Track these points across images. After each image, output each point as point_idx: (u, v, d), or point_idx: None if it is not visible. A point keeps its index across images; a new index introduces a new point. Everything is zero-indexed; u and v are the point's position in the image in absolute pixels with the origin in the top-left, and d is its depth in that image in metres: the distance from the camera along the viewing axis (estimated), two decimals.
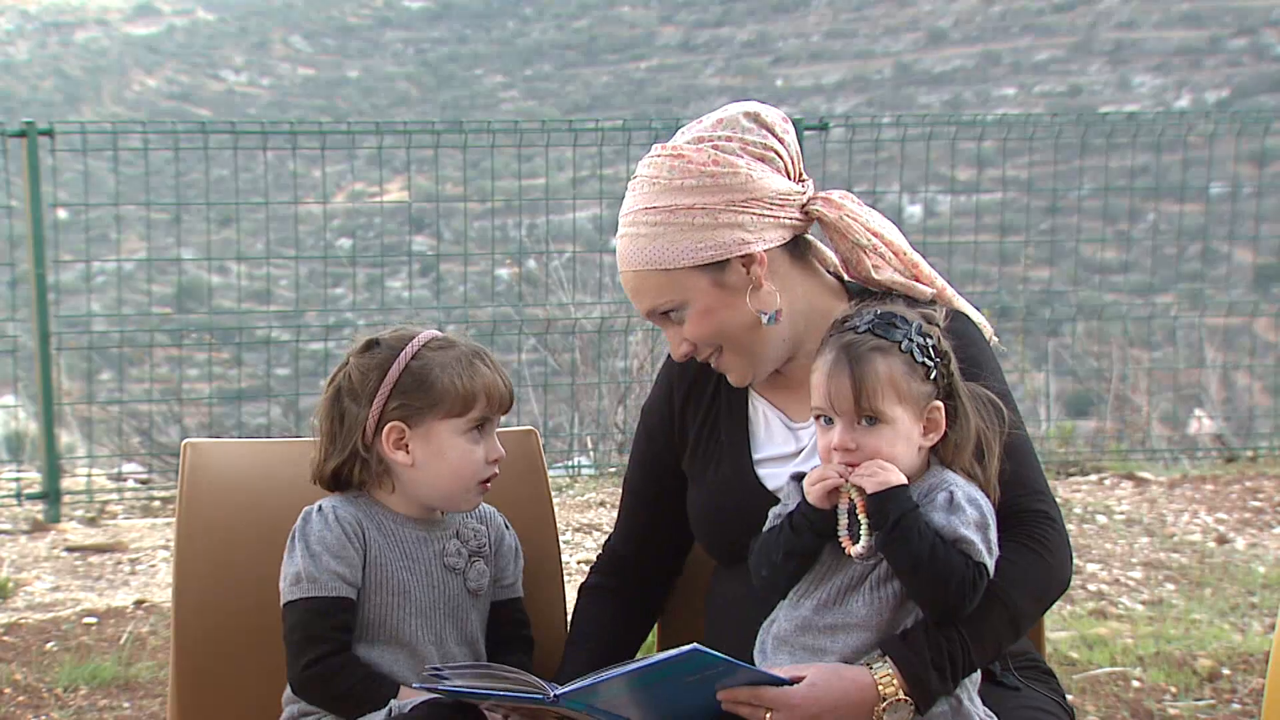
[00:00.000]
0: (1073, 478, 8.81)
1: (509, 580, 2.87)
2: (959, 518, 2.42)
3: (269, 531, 2.86)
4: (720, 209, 2.64)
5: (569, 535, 7.23)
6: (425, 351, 2.73)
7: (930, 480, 2.50)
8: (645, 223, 2.67)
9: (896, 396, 2.46)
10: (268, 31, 62.84)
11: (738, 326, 2.69)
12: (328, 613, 2.67)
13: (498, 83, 57.16)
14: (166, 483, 8.71)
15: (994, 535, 2.46)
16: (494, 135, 8.86)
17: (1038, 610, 2.57)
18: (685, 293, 2.67)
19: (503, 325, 9.13)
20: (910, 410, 2.47)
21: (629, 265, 2.70)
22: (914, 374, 2.47)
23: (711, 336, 2.70)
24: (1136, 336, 10.22)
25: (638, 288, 2.70)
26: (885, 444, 2.46)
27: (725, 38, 56.11)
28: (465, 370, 2.72)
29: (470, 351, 2.75)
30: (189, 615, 2.93)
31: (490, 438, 2.76)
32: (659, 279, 2.67)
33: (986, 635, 2.47)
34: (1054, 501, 2.64)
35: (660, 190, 2.66)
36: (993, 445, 2.53)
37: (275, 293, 9.96)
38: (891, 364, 2.46)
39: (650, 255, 2.66)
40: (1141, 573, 6.94)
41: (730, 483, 2.78)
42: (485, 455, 2.74)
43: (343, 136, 9.14)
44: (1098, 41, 48.96)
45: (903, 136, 9.21)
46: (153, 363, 9.16)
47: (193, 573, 2.93)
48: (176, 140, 8.71)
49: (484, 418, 2.74)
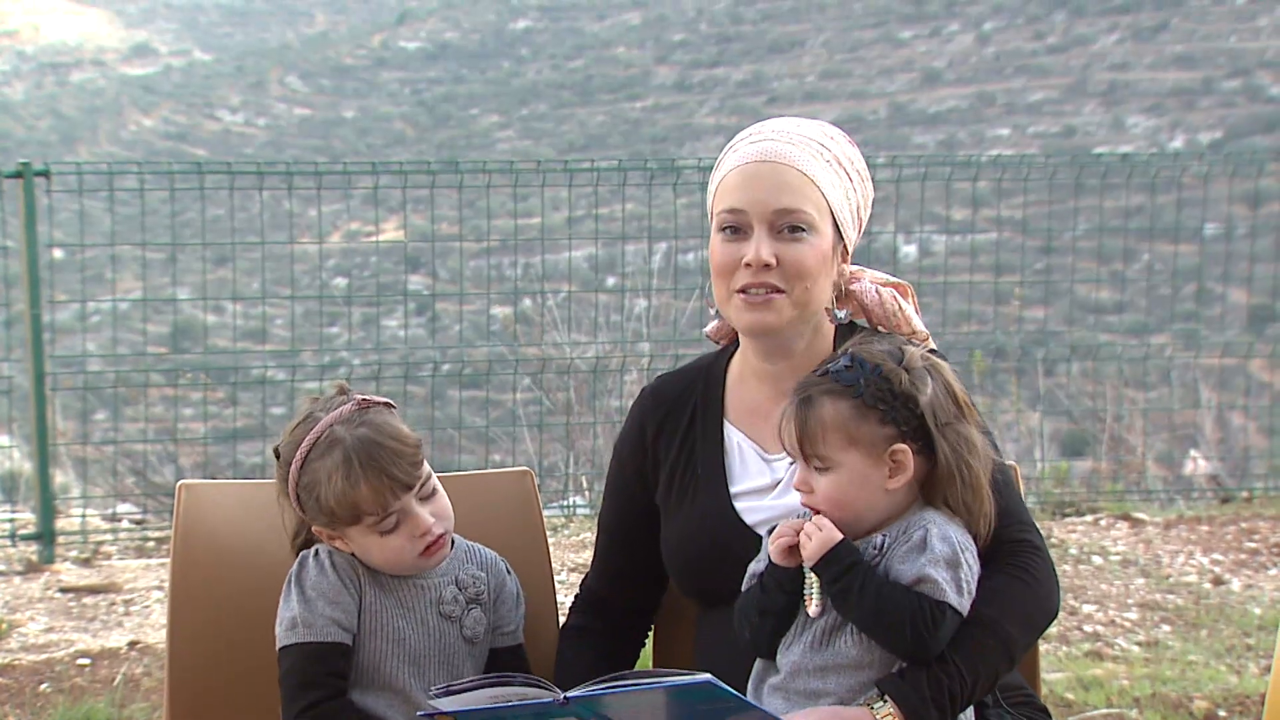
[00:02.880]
0: (1068, 518, 8.80)
1: (509, 627, 2.86)
2: (926, 557, 2.45)
3: (264, 573, 2.86)
4: (865, 193, 2.79)
5: (564, 575, 7.21)
6: (310, 462, 2.68)
7: (909, 519, 2.52)
8: (816, 147, 2.72)
9: (845, 441, 2.48)
10: (264, 72, 62.98)
11: (820, 289, 2.73)
12: (323, 658, 2.66)
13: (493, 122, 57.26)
14: (161, 523, 8.69)
15: (967, 573, 2.47)
16: (489, 175, 8.87)
17: (1030, 638, 2.59)
18: (818, 223, 2.70)
19: (498, 364, 9.13)
20: (864, 454, 2.49)
21: (790, 161, 2.70)
22: (866, 418, 2.48)
23: (805, 272, 2.68)
24: (1131, 377, 10.22)
25: (787, 184, 2.69)
26: (835, 489, 2.49)
27: (720, 78, 56.25)
28: (343, 482, 2.66)
29: (354, 447, 2.66)
30: (183, 657, 2.92)
31: (409, 518, 2.69)
32: (815, 194, 2.70)
33: (982, 667, 2.48)
34: (1038, 531, 2.67)
35: (833, 141, 2.75)
36: (979, 481, 2.54)
37: (271, 332, 9.97)
38: (839, 408, 2.48)
39: (816, 171, 2.70)
40: (1137, 614, 6.93)
41: (707, 517, 2.77)
42: (410, 534, 2.70)
43: (339, 176, 9.15)
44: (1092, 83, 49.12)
45: (898, 177, 9.23)
46: (147, 402, 9.15)
47: (187, 614, 2.92)
48: (172, 180, 8.71)
49: (386, 521, 2.69)
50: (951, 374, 2.57)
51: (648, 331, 9.47)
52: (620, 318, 9.64)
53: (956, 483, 2.51)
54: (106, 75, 63.57)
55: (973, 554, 2.50)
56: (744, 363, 2.85)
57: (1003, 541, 2.58)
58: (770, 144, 2.70)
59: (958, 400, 2.55)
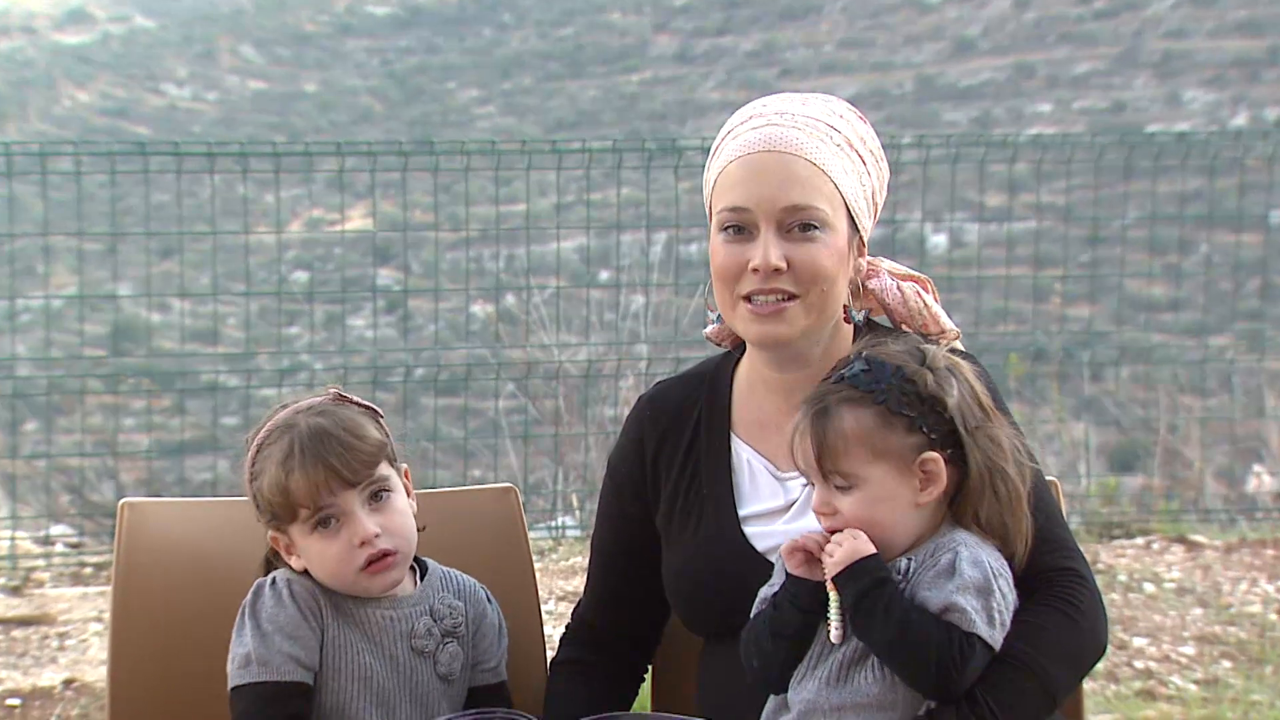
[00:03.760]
0: (1116, 541, 8.81)
1: (490, 663, 2.86)
2: (954, 583, 2.44)
3: (216, 603, 2.86)
4: (880, 175, 2.78)
5: (552, 605, 7.21)
6: (262, 450, 2.73)
7: (938, 541, 2.51)
8: (824, 129, 2.71)
9: (870, 454, 2.47)
10: (214, 40, 62.98)
11: (837, 291, 2.72)
12: (280, 699, 2.66)
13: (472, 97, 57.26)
14: (100, 547, 8.69)
15: (1000, 602, 2.47)
16: (468, 157, 8.87)
17: (1073, 679, 2.59)
18: (832, 219, 2.69)
19: (478, 369, 9.13)
20: (891, 467, 2.48)
21: (798, 150, 2.69)
22: (891, 426, 2.48)
23: (821, 275, 2.68)
24: (1188, 383, 10.22)
25: (796, 176, 2.67)
26: (863, 508, 2.48)
27: (727, 47, 56.28)
28: (278, 468, 2.69)
29: (302, 433, 2.70)
30: (125, 697, 2.92)
31: (349, 520, 2.71)
32: (827, 186, 2.69)
33: (1019, 710, 2.48)
34: (1082, 557, 2.66)
35: (842, 120, 2.74)
36: (1016, 497, 2.54)
37: (223, 333, 9.96)
38: (861, 418, 2.48)
39: (827, 159, 2.69)
40: (1194, 648, 6.94)
41: (713, 543, 2.77)
42: (349, 542, 2.70)
43: (299, 158, 9.15)
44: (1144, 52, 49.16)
45: (925, 158, 9.24)
46: (84, 411, 9.15)
47: (130, 649, 2.93)
48: (112, 162, 8.70)
49: (320, 516, 2.71)
50: (973, 374, 2.58)
51: (645, 332, 9.48)
52: (615, 316, 9.64)
53: (989, 496, 2.51)
54: (37, 44, 63.56)
55: (1007, 581, 2.50)
56: (752, 370, 2.85)
57: (1042, 568, 2.58)
58: (774, 130, 2.68)
59: (980, 403, 2.56)
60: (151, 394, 9.49)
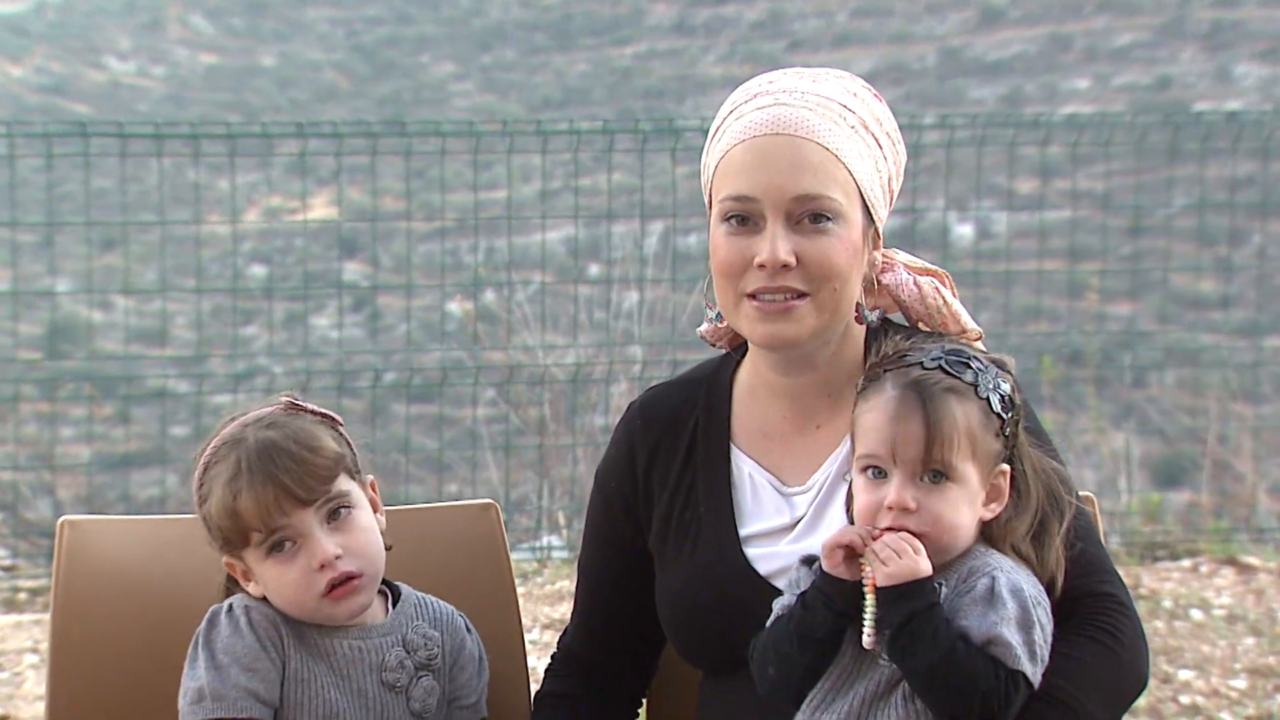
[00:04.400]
0: (1161, 563, 8.82)
1: (470, 698, 2.87)
2: (997, 614, 2.43)
3: (165, 632, 2.86)
4: (897, 160, 2.78)
5: (536, 634, 7.22)
6: (209, 469, 2.74)
7: (972, 562, 2.51)
8: (838, 110, 2.70)
9: (971, 451, 2.47)
10: (162, 9, 63.00)
11: (850, 288, 2.72)
12: None
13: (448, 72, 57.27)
14: (36, 570, 8.69)
15: (1040, 634, 2.47)
16: (444, 139, 8.89)
17: (1114, 713, 2.58)
18: (846, 210, 2.70)
19: (454, 373, 9.14)
20: (980, 470, 2.49)
21: (809, 133, 2.69)
22: (988, 427, 2.49)
23: (833, 271, 2.68)
24: (1239, 388, 10.24)
25: (807, 162, 2.67)
26: (949, 507, 2.48)
27: (730, 18, 56.31)
28: (225, 489, 2.70)
29: (250, 448, 2.72)
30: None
31: (306, 543, 2.72)
32: (841, 173, 2.69)
33: None
34: (1121, 581, 2.66)
35: (856, 99, 2.74)
36: (1054, 523, 2.54)
37: (171, 333, 9.98)
38: (968, 411, 2.48)
39: (840, 143, 2.69)
40: (1246, 681, 6.94)
41: (711, 566, 2.77)
42: (307, 566, 2.71)
43: (256, 140, 9.16)
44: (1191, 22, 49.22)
45: (950, 140, 9.26)
46: (18, 420, 9.15)
47: (70, 682, 2.93)
48: (49, 144, 8.71)
49: (274, 539, 2.72)
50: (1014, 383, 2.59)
51: (639, 332, 9.48)
52: (606, 315, 9.65)
53: (1031, 517, 2.52)
54: None
55: (1045, 611, 2.50)
56: (755, 374, 2.85)
57: (1079, 593, 2.59)
58: (783, 110, 2.68)
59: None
60: (92, 401, 9.48)
